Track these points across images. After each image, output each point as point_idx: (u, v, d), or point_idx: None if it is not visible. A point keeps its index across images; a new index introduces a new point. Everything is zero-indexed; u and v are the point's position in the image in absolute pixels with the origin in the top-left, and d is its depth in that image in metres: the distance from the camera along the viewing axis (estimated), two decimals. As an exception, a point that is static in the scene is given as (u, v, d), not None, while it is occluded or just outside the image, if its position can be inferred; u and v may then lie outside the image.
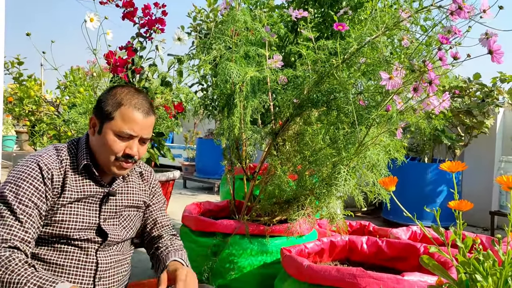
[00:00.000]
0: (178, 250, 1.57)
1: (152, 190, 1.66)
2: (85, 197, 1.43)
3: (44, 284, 1.21)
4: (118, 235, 1.50)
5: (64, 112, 3.56)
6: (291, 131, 2.24)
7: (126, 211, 1.55)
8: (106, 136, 1.40)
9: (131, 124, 1.40)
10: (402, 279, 1.63)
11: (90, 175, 1.45)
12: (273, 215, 2.38)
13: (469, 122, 4.55)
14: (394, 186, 1.47)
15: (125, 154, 1.41)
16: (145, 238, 1.67)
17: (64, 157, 1.43)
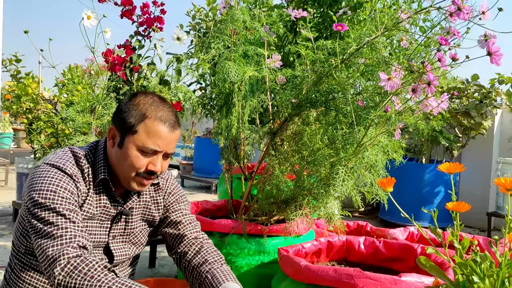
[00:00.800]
0: (225, 272, 1.40)
1: (170, 197, 1.52)
2: (98, 213, 1.35)
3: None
4: (125, 254, 1.43)
5: (61, 110, 3.55)
6: (289, 131, 2.23)
7: (138, 227, 1.46)
8: (128, 151, 1.29)
9: (156, 139, 1.28)
10: (399, 280, 1.63)
11: (106, 190, 1.36)
12: (270, 214, 2.38)
13: (467, 123, 4.56)
14: (392, 187, 1.47)
15: (147, 170, 1.31)
16: (175, 254, 1.52)
17: (84, 167, 1.33)
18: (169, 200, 1.52)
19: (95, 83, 3.39)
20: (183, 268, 1.49)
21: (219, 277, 1.35)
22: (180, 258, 1.50)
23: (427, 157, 4.86)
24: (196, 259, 1.45)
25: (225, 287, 1.32)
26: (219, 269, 1.40)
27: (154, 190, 1.50)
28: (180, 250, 1.49)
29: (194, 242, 1.48)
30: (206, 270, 1.40)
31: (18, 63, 3.88)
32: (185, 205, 1.55)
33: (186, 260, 1.47)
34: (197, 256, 1.45)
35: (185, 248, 1.48)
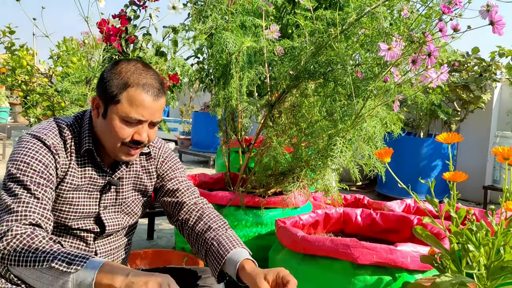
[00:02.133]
0: (230, 238, 1.37)
1: (164, 166, 1.48)
2: (84, 184, 1.33)
3: (74, 259, 1.06)
4: (118, 224, 1.41)
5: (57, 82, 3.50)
6: (287, 103, 2.22)
7: (130, 197, 1.44)
8: (112, 121, 1.25)
9: (139, 108, 1.24)
10: (395, 249, 1.65)
11: (92, 160, 1.34)
12: (268, 187, 2.38)
13: (465, 97, 4.54)
14: (389, 157, 1.47)
15: (133, 140, 1.28)
16: (176, 222, 1.50)
17: (67, 137, 1.30)
18: (163, 168, 1.50)
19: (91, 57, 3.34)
20: (187, 235, 1.47)
21: (226, 244, 1.33)
22: (182, 225, 1.49)
23: (425, 131, 4.86)
24: (199, 226, 1.43)
25: (233, 255, 1.30)
26: (224, 235, 1.38)
27: (146, 160, 1.47)
28: (181, 218, 1.48)
29: (194, 208, 1.47)
30: (211, 237, 1.38)
31: (12, 35, 3.81)
32: (180, 172, 1.53)
33: (189, 227, 1.46)
34: (200, 222, 1.44)
35: (186, 215, 1.47)
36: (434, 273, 1.71)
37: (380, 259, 1.64)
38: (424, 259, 1.49)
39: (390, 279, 1.66)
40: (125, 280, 1.03)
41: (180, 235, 2.53)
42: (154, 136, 1.34)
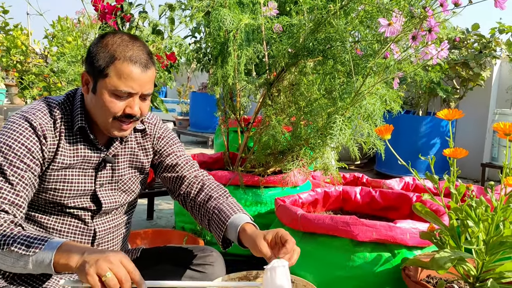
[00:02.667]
0: (231, 204, 1.38)
1: (160, 142, 1.48)
2: (78, 162, 1.32)
3: (33, 242, 1.08)
4: (115, 201, 1.40)
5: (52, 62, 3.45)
6: (286, 82, 2.20)
7: (127, 174, 1.43)
8: (102, 96, 1.23)
9: (128, 81, 1.22)
10: (394, 226, 1.66)
11: (85, 137, 1.33)
12: (267, 166, 2.38)
13: (465, 75, 4.51)
14: (390, 134, 1.46)
15: (125, 114, 1.26)
16: (178, 197, 1.51)
17: (57, 116, 1.29)
18: (160, 145, 1.49)
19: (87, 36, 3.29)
20: (190, 208, 1.48)
21: (226, 211, 1.34)
22: (184, 199, 1.49)
23: (424, 110, 4.84)
24: (201, 197, 1.44)
25: (234, 220, 1.31)
26: (225, 203, 1.38)
27: (142, 136, 1.46)
28: (182, 192, 1.48)
29: (195, 181, 1.47)
30: (212, 206, 1.39)
31: (5, 14, 3.74)
32: (178, 147, 1.51)
33: (191, 200, 1.46)
34: (201, 193, 1.44)
35: (187, 188, 1.47)
36: (433, 249, 1.72)
37: (380, 236, 1.65)
38: (423, 235, 1.50)
39: (389, 256, 1.67)
40: (80, 259, 1.03)
41: (180, 214, 2.55)
42: (147, 110, 1.33)
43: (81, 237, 1.37)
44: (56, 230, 1.35)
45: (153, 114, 1.52)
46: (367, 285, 1.68)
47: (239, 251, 2.39)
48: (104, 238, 1.42)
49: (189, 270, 1.49)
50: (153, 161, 1.51)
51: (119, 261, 1.04)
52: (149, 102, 1.34)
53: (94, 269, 1.00)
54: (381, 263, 1.66)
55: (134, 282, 1.05)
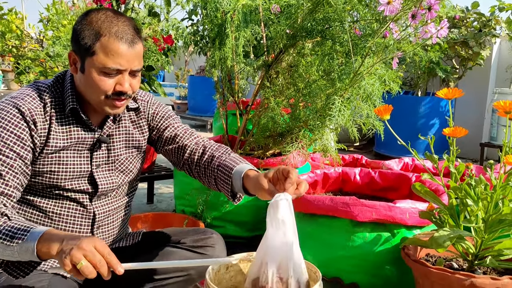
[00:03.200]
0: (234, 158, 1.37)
1: (155, 117, 1.47)
2: (73, 144, 1.31)
3: (16, 233, 1.09)
4: (112, 182, 1.40)
5: (48, 46, 3.43)
6: (284, 63, 2.18)
7: (123, 154, 1.42)
8: (91, 75, 1.22)
9: (116, 58, 1.21)
10: (394, 206, 1.67)
11: (78, 119, 1.32)
12: (266, 148, 2.38)
13: (464, 54, 4.48)
14: (389, 114, 1.46)
15: (116, 91, 1.25)
16: (183, 167, 1.49)
17: (48, 100, 1.27)
18: (156, 121, 1.48)
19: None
20: (197, 174, 1.47)
21: (229, 165, 1.34)
22: (189, 166, 1.48)
23: (423, 90, 4.82)
24: (204, 159, 1.44)
25: (237, 170, 1.30)
26: (228, 158, 1.38)
27: (136, 115, 1.45)
28: (186, 160, 1.47)
29: (197, 147, 1.47)
30: (216, 165, 1.39)
31: (-1, -1, 3.70)
32: (174, 119, 1.51)
33: (196, 165, 1.46)
34: (204, 156, 1.44)
35: (191, 155, 1.46)
36: (432, 229, 1.73)
37: (379, 216, 1.66)
38: (422, 214, 1.50)
39: (388, 235, 1.69)
40: (59, 248, 1.05)
41: (180, 198, 2.56)
42: (138, 86, 1.31)
43: (81, 220, 1.38)
44: (56, 214, 1.35)
45: (145, 92, 1.51)
46: (367, 264, 1.69)
47: (239, 234, 2.42)
48: (104, 221, 1.43)
49: (190, 252, 1.50)
50: (152, 138, 1.50)
51: (92, 247, 1.04)
52: (140, 78, 1.33)
53: (69, 259, 1.02)
54: (380, 242, 1.68)
55: (110, 265, 1.06)
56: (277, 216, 1.08)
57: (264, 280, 1.14)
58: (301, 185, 1.16)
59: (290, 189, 1.13)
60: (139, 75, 1.32)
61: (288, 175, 1.15)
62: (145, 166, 2.92)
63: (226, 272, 1.35)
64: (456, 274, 1.33)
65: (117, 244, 1.53)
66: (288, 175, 1.15)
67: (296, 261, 1.13)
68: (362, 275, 1.70)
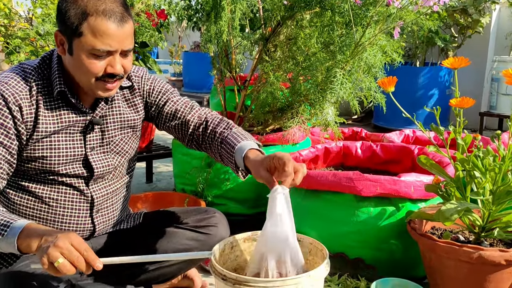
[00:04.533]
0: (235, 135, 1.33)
1: (152, 93, 1.41)
2: (64, 128, 1.26)
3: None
4: (108, 165, 1.36)
5: (38, 25, 3.33)
6: (282, 36, 2.11)
7: (118, 135, 1.38)
8: (80, 57, 1.16)
9: (105, 38, 1.14)
10: (398, 180, 1.64)
11: (67, 101, 1.26)
12: (266, 124, 2.34)
13: (463, 22, 4.40)
14: (393, 86, 1.42)
15: (107, 73, 1.19)
16: (191, 144, 1.46)
17: (34, 83, 1.21)
18: (153, 96, 1.43)
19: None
20: (205, 150, 1.44)
21: (231, 143, 1.31)
22: (197, 142, 1.45)
23: (422, 60, 4.75)
24: (207, 135, 1.41)
25: (238, 150, 1.27)
26: (229, 135, 1.34)
27: (130, 93, 1.40)
28: (191, 136, 1.44)
29: (199, 122, 1.43)
30: (219, 141, 1.36)
31: (-16, -24, 3.56)
32: (171, 93, 1.45)
33: (202, 141, 1.43)
34: (207, 132, 1.41)
35: (194, 131, 1.43)
36: (437, 202, 1.71)
37: (384, 190, 1.63)
38: (428, 188, 1.48)
39: (393, 209, 1.67)
40: (38, 244, 1.05)
41: (180, 177, 2.53)
42: (130, 66, 1.26)
43: (79, 204, 1.34)
44: (53, 200, 1.32)
45: (138, 67, 1.44)
46: (371, 239, 1.68)
47: (241, 211, 2.40)
48: (103, 204, 1.40)
49: (193, 232, 1.48)
50: (151, 115, 1.46)
51: (69, 244, 1.02)
52: (132, 58, 1.27)
53: (46, 257, 1.01)
54: (385, 217, 1.66)
55: (88, 262, 1.04)
56: (275, 211, 1.10)
57: (264, 275, 1.15)
58: (297, 174, 1.14)
59: (286, 181, 1.11)
60: (131, 54, 1.26)
61: (283, 168, 1.12)
62: (143, 145, 2.87)
63: (231, 252, 1.33)
64: (463, 247, 1.32)
65: (118, 227, 1.50)
66: (284, 167, 1.12)
67: (293, 254, 1.14)
68: (366, 250, 1.69)
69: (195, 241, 1.48)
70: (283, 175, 1.12)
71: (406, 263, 1.71)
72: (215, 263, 1.16)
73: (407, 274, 1.64)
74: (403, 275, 1.60)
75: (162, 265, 1.49)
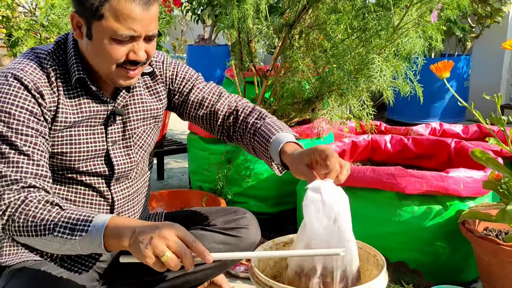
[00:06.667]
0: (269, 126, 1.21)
1: (176, 79, 1.30)
2: (84, 119, 1.14)
3: (77, 225, 0.95)
4: (131, 161, 1.23)
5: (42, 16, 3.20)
6: (309, 21, 1.96)
7: (141, 126, 1.25)
8: (100, 42, 1.05)
9: (128, 22, 1.03)
10: (447, 176, 1.49)
11: (86, 90, 1.14)
12: (288, 117, 2.19)
13: (481, 11, 4.23)
14: (449, 72, 1.27)
15: (129, 60, 1.08)
16: (221, 134, 1.34)
17: (50, 69, 1.09)
18: (177, 82, 1.30)
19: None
20: (236, 141, 1.33)
21: (265, 135, 1.19)
22: (227, 134, 1.33)
23: (439, 51, 4.59)
24: (239, 127, 1.29)
25: (273, 144, 1.16)
26: (263, 125, 1.22)
27: (151, 79, 1.27)
28: (221, 127, 1.32)
29: (230, 111, 1.30)
30: (252, 133, 1.24)
31: (-16, -35, 3.41)
32: (196, 79, 1.33)
33: (233, 132, 1.31)
34: (238, 122, 1.29)
35: (224, 122, 1.31)
36: (486, 200, 1.57)
37: (431, 187, 1.48)
38: (487, 184, 1.33)
39: (440, 208, 1.52)
40: (132, 238, 0.91)
41: (196, 173, 2.39)
42: (153, 51, 1.13)
43: (98, 207, 1.21)
44: (70, 201, 1.18)
45: (158, 51, 1.31)
46: (415, 241, 1.53)
47: (263, 210, 2.26)
48: (124, 207, 1.26)
49: (222, 234, 1.35)
50: (174, 103, 1.33)
51: (175, 236, 0.89)
52: (155, 43, 1.14)
53: (151, 250, 0.87)
54: (431, 217, 1.51)
55: (197, 254, 0.90)
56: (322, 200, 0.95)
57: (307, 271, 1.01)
58: (343, 170, 1.01)
59: (331, 176, 1.00)
60: (155, 39, 1.13)
61: (326, 160, 1.00)
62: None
63: (270, 258, 1.19)
64: (532, 252, 1.17)
65: (138, 230, 1.36)
66: (326, 160, 1.00)
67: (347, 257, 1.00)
68: (409, 253, 1.55)
69: (224, 245, 1.34)
70: (326, 170, 1.00)
71: (452, 267, 1.56)
72: (258, 272, 1.02)
73: (454, 279, 1.50)
74: (449, 280, 1.46)
75: (187, 272, 1.35)
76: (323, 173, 1.01)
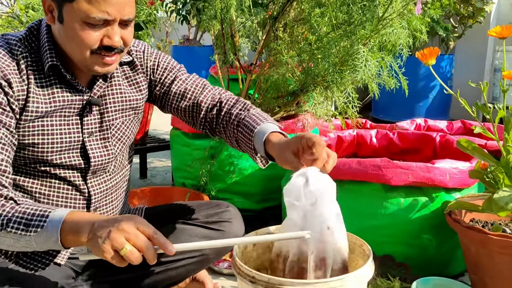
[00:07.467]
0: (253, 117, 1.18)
1: (157, 70, 1.25)
2: (57, 109, 1.08)
3: (32, 220, 0.91)
4: (109, 153, 1.18)
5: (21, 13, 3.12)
6: (292, 14, 1.93)
7: (119, 117, 1.20)
8: (72, 26, 0.99)
9: (101, 4, 0.97)
10: (433, 167, 1.47)
11: (60, 78, 1.09)
12: (272, 112, 2.15)
13: (463, 12, 4.27)
14: (434, 59, 1.25)
15: (103, 45, 1.02)
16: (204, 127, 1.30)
17: (20, 56, 1.04)
18: (158, 74, 1.25)
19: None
20: (219, 134, 1.29)
21: (249, 125, 1.16)
22: (210, 127, 1.29)
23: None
24: (222, 118, 1.25)
25: (257, 134, 1.12)
26: (247, 116, 1.19)
27: (131, 69, 1.22)
28: (204, 119, 1.28)
29: (212, 103, 1.26)
30: (235, 124, 1.21)
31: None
32: (178, 70, 1.28)
33: (216, 124, 1.27)
34: (221, 114, 1.25)
35: (207, 113, 1.27)
36: (472, 192, 1.55)
37: (417, 178, 1.46)
38: (473, 174, 1.32)
39: (426, 200, 1.50)
40: (90, 233, 0.87)
41: (179, 170, 2.34)
42: (131, 38, 1.08)
43: (73, 202, 1.16)
44: (43, 195, 1.12)
45: (139, 41, 1.26)
46: (402, 234, 1.51)
47: (247, 206, 2.22)
48: (101, 202, 1.21)
49: (204, 228, 1.31)
50: (155, 95, 1.27)
51: (135, 228, 0.85)
52: (133, 29, 1.09)
53: (109, 244, 0.83)
54: (417, 209, 1.49)
55: (159, 246, 0.86)
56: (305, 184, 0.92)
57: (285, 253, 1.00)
58: (329, 160, 0.99)
59: (317, 165, 0.97)
60: (132, 25, 1.07)
61: (312, 147, 0.97)
62: (138, 137, 2.67)
63: (253, 250, 1.16)
64: (520, 241, 1.16)
65: (117, 225, 1.31)
66: (312, 147, 0.97)
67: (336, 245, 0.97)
68: (396, 246, 1.52)
69: (206, 239, 1.30)
70: (312, 158, 0.97)
71: (439, 260, 1.55)
72: (240, 263, 0.98)
73: (441, 272, 1.48)
74: (436, 273, 1.44)
75: (168, 267, 1.31)
76: (310, 161, 0.98)
